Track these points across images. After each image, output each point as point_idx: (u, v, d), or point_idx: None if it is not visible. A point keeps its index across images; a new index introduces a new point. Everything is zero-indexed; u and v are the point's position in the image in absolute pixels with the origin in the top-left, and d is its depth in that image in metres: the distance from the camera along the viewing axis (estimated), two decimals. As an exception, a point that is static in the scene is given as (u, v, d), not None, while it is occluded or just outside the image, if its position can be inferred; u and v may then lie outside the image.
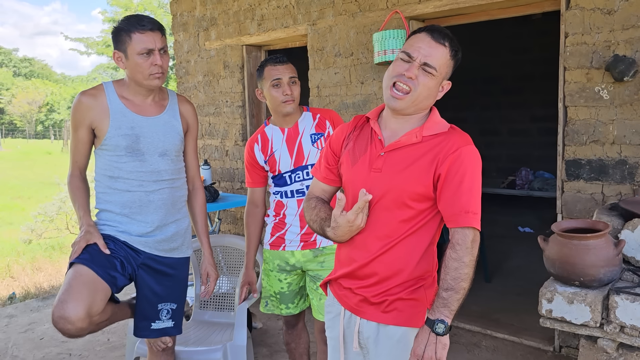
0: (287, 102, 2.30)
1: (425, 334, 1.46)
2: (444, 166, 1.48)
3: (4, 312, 4.41)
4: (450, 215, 1.49)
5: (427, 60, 1.49)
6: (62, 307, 1.85)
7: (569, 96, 2.97)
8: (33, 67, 56.31)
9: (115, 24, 2.08)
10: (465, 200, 1.46)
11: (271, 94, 2.32)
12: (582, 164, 2.96)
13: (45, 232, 8.38)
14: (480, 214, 1.49)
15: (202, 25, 5.25)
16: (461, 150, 1.49)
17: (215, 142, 5.34)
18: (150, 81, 2.08)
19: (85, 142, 2.13)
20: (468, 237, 1.46)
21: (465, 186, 1.47)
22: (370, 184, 1.55)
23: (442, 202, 1.50)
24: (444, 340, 1.45)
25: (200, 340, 2.77)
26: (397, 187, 1.52)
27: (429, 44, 1.50)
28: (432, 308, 1.48)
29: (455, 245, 1.46)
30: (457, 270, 1.44)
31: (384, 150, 1.56)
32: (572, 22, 2.92)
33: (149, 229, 2.16)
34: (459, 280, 1.44)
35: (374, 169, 1.56)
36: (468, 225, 1.46)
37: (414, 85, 1.50)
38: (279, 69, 2.31)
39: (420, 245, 1.55)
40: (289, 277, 2.42)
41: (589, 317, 2.14)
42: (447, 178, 1.48)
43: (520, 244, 5.61)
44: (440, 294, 1.46)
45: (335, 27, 4.08)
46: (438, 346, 1.44)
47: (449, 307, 1.45)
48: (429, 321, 1.47)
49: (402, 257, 1.54)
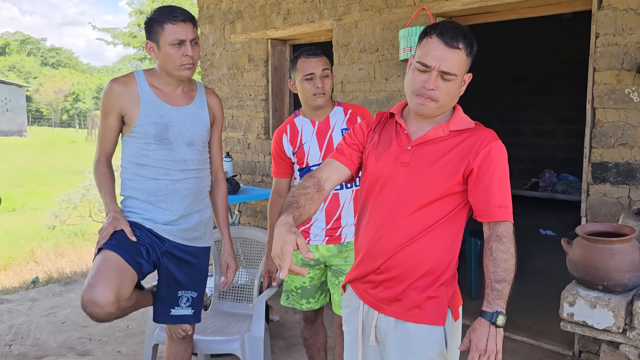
0: (318, 95, 2.30)
1: (485, 327, 1.46)
2: (477, 161, 1.49)
3: (28, 296, 4.51)
4: (483, 210, 1.50)
5: (445, 69, 1.47)
6: (92, 291, 1.88)
7: (598, 98, 2.92)
8: (60, 57, 57.34)
9: (148, 15, 2.11)
10: (498, 195, 1.48)
11: (303, 86, 2.31)
12: (609, 167, 2.91)
13: (68, 219, 8.54)
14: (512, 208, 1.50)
15: (228, 18, 5.28)
16: (491, 145, 1.50)
17: (237, 135, 5.37)
18: (180, 71, 2.11)
19: (114, 128, 2.16)
20: (510, 228, 1.48)
21: (497, 181, 1.49)
22: (396, 178, 1.55)
23: (474, 197, 1.51)
24: (502, 332, 1.47)
25: (219, 330, 2.80)
26: (425, 181, 1.52)
27: (444, 50, 1.47)
28: (487, 300, 1.47)
29: (501, 237, 1.47)
30: (507, 261, 1.46)
31: (412, 144, 1.56)
32: (603, 22, 2.87)
33: (174, 218, 2.18)
34: (510, 271, 1.47)
35: (400, 163, 1.56)
36: (503, 220, 1.48)
37: (436, 96, 1.50)
38: (312, 61, 2.30)
39: (443, 241, 1.55)
40: (311, 271, 2.42)
41: (611, 323, 2.11)
42: (480, 173, 1.49)
43: (541, 246, 5.54)
44: (494, 287, 1.47)
45: (361, 22, 4.07)
46: (499, 338, 1.46)
47: (503, 299, 1.47)
48: (487, 314, 1.47)
49: (425, 252, 1.54)
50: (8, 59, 50.08)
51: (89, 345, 3.47)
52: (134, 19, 27.05)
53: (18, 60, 49.79)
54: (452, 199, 1.53)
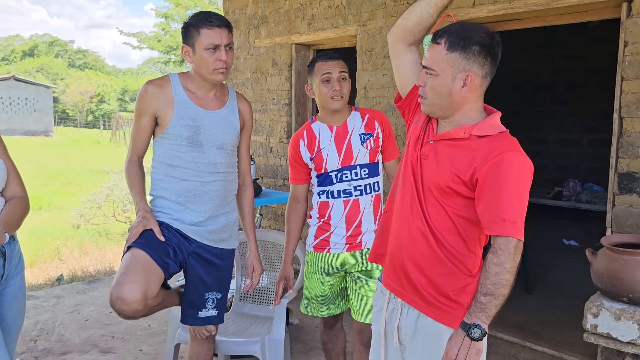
0: (335, 98, 2.29)
1: (460, 337, 1.45)
2: (483, 171, 1.46)
3: (52, 293, 4.61)
4: (486, 222, 1.47)
5: (426, 64, 1.55)
6: (120, 289, 1.92)
7: (626, 107, 2.88)
8: (87, 59, 58.37)
9: (186, 20, 2.16)
10: (503, 208, 1.43)
11: (320, 89, 2.31)
12: (636, 178, 2.87)
13: (93, 218, 8.66)
14: (522, 223, 1.45)
15: (253, 23, 5.34)
16: (503, 155, 1.45)
17: (260, 139, 5.41)
18: (214, 76, 2.15)
19: (147, 129, 2.20)
20: (511, 243, 1.42)
21: (505, 193, 1.43)
22: (419, 169, 1.60)
23: (479, 208, 1.48)
24: (478, 346, 1.44)
25: (240, 332, 2.83)
26: (436, 178, 1.55)
27: (429, 48, 1.55)
28: (469, 312, 1.47)
29: (497, 250, 1.43)
30: (498, 275, 1.42)
31: (433, 139, 1.59)
32: (632, 30, 2.83)
33: (202, 219, 2.22)
34: (499, 285, 1.42)
35: (422, 155, 1.60)
36: (503, 234, 1.42)
37: (424, 92, 1.57)
38: (329, 64, 2.31)
39: (460, 243, 1.56)
40: (332, 279, 2.41)
41: (636, 335, 2.08)
42: (486, 183, 1.46)
43: (564, 256, 5.47)
44: (479, 299, 1.45)
45: (385, 28, 4.07)
46: (472, 351, 1.43)
47: (486, 313, 1.43)
48: (464, 324, 1.46)
49: (443, 250, 1.55)
50: (37, 60, 51.19)
51: (111, 343, 3.53)
52: (159, 22, 27.47)
53: (46, 62, 50.85)
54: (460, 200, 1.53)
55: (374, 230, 2.34)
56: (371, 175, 2.35)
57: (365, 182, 2.34)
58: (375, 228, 2.34)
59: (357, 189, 2.33)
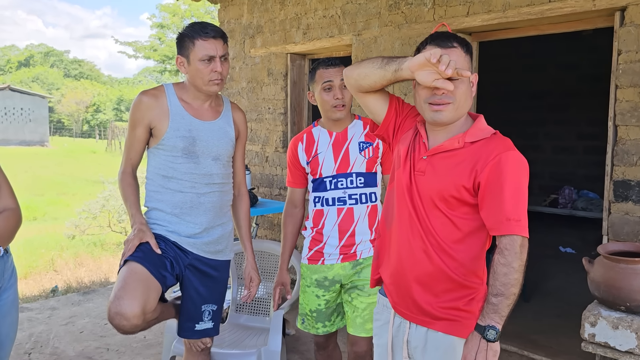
0: (338, 108, 2.27)
1: (476, 341, 1.45)
2: (484, 174, 1.48)
3: (47, 304, 4.57)
4: (492, 224, 1.48)
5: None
6: (119, 304, 1.89)
7: (620, 115, 2.89)
8: (82, 69, 58.46)
9: (180, 30, 2.15)
10: (507, 208, 1.45)
11: (322, 97, 2.29)
12: (632, 185, 2.87)
13: (88, 229, 8.64)
14: (526, 220, 1.47)
15: (248, 33, 5.35)
16: (500, 156, 1.48)
17: (255, 148, 5.41)
18: (209, 87, 2.14)
19: (141, 140, 2.19)
20: (516, 242, 1.44)
21: (507, 193, 1.45)
22: (415, 187, 1.58)
23: (483, 211, 1.49)
24: (495, 347, 1.45)
25: (235, 343, 2.80)
26: (439, 190, 1.54)
27: (448, 52, 1.50)
28: (482, 314, 1.46)
29: (503, 250, 1.44)
30: (507, 275, 1.43)
31: (427, 154, 1.58)
32: (626, 39, 2.85)
33: (198, 230, 2.20)
34: (509, 285, 1.43)
35: (417, 172, 1.59)
36: (510, 233, 1.44)
37: (452, 99, 1.52)
38: (330, 71, 2.29)
39: (468, 251, 1.55)
40: (327, 293, 2.37)
41: (634, 344, 2.07)
42: (488, 186, 1.47)
43: (560, 264, 5.47)
44: (490, 300, 1.45)
45: (380, 37, 4.09)
46: (489, 353, 1.44)
47: (499, 313, 1.44)
48: (479, 327, 1.45)
49: (450, 262, 1.54)
50: (32, 70, 51.21)
51: (106, 355, 3.49)
52: (154, 32, 27.52)
53: (42, 72, 50.88)
54: (466, 209, 1.53)
55: (369, 239, 2.32)
56: (367, 185, 2.33)
57: (360, 191, 2.32)
58: (371, 238, 2.32)
59: (352, 198, 2.31)
